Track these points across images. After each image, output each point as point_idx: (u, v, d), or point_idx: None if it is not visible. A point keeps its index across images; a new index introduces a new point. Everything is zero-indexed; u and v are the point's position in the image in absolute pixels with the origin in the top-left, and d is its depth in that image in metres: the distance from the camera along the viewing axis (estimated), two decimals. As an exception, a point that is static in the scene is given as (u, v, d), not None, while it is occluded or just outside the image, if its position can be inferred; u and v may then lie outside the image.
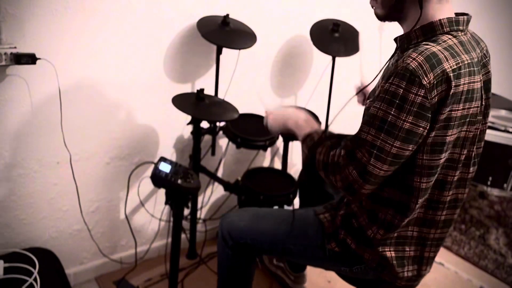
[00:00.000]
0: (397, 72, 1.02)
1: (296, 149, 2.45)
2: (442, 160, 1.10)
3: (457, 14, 1.12)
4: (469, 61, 1.06)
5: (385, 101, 1.04)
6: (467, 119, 1.10)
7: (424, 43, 1.06)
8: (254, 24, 1.92)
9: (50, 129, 1.64)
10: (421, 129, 1.03)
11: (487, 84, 1.15)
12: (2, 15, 1.41)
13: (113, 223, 1.95)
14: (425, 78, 0.99)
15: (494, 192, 2.51)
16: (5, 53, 1.42)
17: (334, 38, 2.05)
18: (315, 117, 2.16)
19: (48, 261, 1.64)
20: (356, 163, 1.09)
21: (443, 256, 2.35)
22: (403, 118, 1.02)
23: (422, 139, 1.06)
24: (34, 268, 1.51)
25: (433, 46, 1.03)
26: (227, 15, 1.81)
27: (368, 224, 1.23)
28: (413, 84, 1.00)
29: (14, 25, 1.44)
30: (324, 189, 1.66)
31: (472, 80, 1.06)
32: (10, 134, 1.57)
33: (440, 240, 1.27)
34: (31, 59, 1.47)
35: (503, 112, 2.70)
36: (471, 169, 1.20)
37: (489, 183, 2.47)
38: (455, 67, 1.02)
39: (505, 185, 2.45)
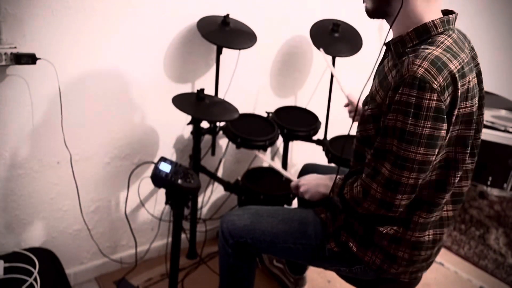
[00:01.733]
0: (405, 82, 1.01)
1: (296, 149, 2.45)
2: (467, 155, 1.13)
3: (443, 13, 1.12)
4: (467, 59, 1.07)
5: (400, 111, 1.03)
6: (475, 116, 1.10)
7: (423, 47, 1.05)
8: (254, 24, 1.92)
9: (50, 129, 1.64)
10: (442, 132, 1.03)
11: (478, 76, 1.16)
12: (2, 15, 1.41)
13: (113, 223, 1.95)
14: (435, 82, 0.99)
15: (494, 192, 2.51)
16: (5, 53, 1.42)
17: (334, 38, 2.05)
18: (315, 118, 2.17)
19: (48, 261, 1.64)
20: (378, 178, 1.09)
21: (443, 256, 2.35)
22: (422, 124, 1.01)
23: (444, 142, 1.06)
24: (34, 268, 1.51)
25: (434, 50, 1.03)
26: (227, 15, 1.81)
27: (378, 222, 1.22)
28: (424, 91, 0.99)
29: (14, 25, 1.44)
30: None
31: (472, 77, 1.08)
32: (10, 134, 1.57)
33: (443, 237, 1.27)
34: (31, 59, 1.47)
35: (503, 112, 2.70)
36: (470, 159, 1.20)
37: (489, 183, 2.47)
38: (459, 67, 1.03)
39: (505, 185, 2.45)
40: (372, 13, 1.17)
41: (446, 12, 1.13)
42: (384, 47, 1.20)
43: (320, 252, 1.33)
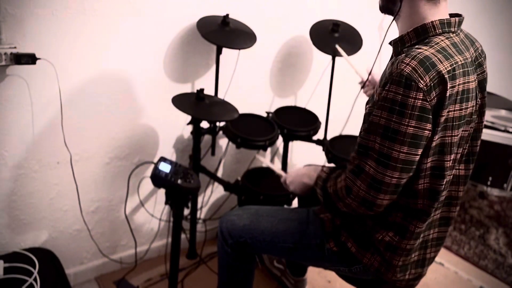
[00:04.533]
0: (392, 79, 1.03)
1: (296, 149, 2.45)
2: (450, 162, 1.11)
3: (450, 15, 1.12)
4: (463, 62, 1.07)
5: (385, 108, 1.04)
6: (465, 119, 1.10)
7: (416, 46, 1.06)
8: (254, 24, 1.92)
9: (50, 129, 1.64)
10: (426, 132, 1.03)
11: (482, 83, 1.16)
12: (2, 15, 1.41)
13: (113, 223, 1.95)
14: (421, 82, 1.00)
15: (494, 192, 2.51)
16: (5, 53, 1.42)
17: (334, 38, 2.05)
18: (315, 118, 2.17)
19: (48, 261, 1.64)
20: (363, 176, 1.09)
21: (443, 256, 2.35)
22: (406, 123, 1.02)
23: (427, 142, 1.06)
24: (34, 268, 1.51)
25: (426, 50, 1.03)
26: (227, 15, 1.81)
27: (375, 227, 1.22)
28: (410, 89, 1.00)
29: (14, 25, 1.44)
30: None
31: (467, 80, 1.07)
32: (10, 134, 1.57)
33: (440, 239, 1.27)
34: (31, 59, 1.47)
35: (503, 112, 2.70)
36: (462, 166, 1.20)
37: (489, 183, 2.47)
38: (450, 68, 1.03)
39: (505, 185, 2.45)
40: (382, 9, 1.20)
41: (454, 16, 1.13)
42: (380, 47, 1.23)
43: (320, 251, 1.33)
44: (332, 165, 1.97)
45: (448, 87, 1.02)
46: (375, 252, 1.24)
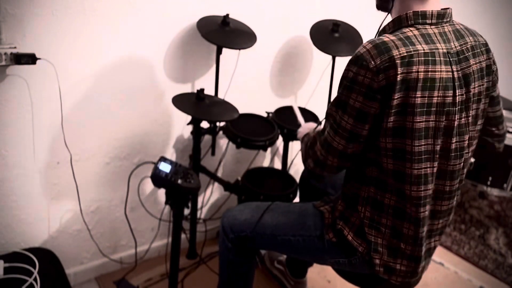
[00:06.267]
0: (350, 59, 1.12)
1: (296, 149, 2.45)
2: (415, 148, 1.11)
3: (443, 9, 1.15)
4: (427, 51, 1.08)
5: (342, 85, 1.14)
6: (432, 108, 1.10)
7: (383, 35, 1.12)
8: (254, 24, 1.92)
9: (50, 129, 1.64)
10: (372, 109, 1.09)
11: (467, 77, 1.15)
12: (2, 15, 1.41)
13: (113, 223, 1.95)
14: (372, 62, 1.06)
15: (494, 192, 2.50)
16: (5, 53, 1.42)
17: (334, 38, 2.05)
18: (315, 117, 2.17)
19: (48, 261, 1.65)
20: (321, 137, 1.22)
21: (443, 256, 2.35)
22: (354, 97, 1.10)
23: (377, 121, 1.10)
24: (34, 268, 1.51)
25: (387, 37, 1.09)
26: (227, 15, 1.81)
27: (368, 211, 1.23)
28: (361, 68, 1.08)
29: (14, 25, 1.45)
30: (323, 189, 1.67)
31: (432, 69, 1.08)
32: (10, 134, 1.57)
33: (430, 232, 1.26)
34: (31, 59, 1.47)
35: (503, 112, 2.69)
36: (452, 161, 1.19)
37: (489, 183, 2.47)
38: (405, 54, 1.06)
39: (505, 185, 2.45)
40: (378, 7, 1.26)
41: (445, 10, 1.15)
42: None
43: (319, 243, 1.34)
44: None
45: (399, 72, 1.05)
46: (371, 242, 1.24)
